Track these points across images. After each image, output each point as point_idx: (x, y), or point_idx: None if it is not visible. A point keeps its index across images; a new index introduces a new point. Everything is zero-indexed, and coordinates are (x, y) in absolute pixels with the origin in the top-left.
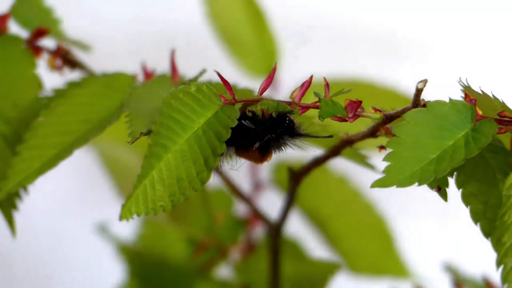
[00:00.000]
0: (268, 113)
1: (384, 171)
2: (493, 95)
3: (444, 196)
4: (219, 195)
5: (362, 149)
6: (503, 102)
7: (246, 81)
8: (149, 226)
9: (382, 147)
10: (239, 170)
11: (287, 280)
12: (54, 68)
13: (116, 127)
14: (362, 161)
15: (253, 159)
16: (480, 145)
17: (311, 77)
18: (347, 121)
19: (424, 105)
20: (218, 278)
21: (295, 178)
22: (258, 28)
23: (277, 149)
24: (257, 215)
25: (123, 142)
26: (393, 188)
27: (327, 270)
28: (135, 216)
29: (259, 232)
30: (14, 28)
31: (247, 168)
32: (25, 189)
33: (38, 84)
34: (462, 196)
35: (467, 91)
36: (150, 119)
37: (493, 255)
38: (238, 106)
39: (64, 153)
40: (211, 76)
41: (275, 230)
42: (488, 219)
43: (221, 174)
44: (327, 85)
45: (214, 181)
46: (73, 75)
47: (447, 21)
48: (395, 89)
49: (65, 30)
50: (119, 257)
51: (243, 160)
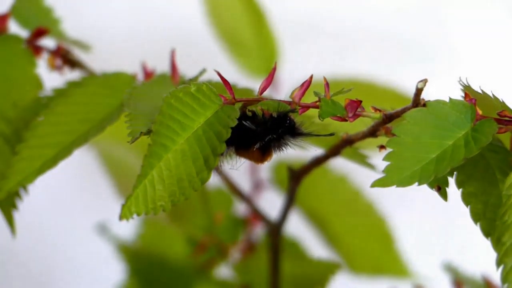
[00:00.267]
0: (269, 113)
1: (384, 171)
2: (493, 95)
3: (444, 196)
4: (219, 195)
5: (362, 149)
6: (503, 102)
7: (246, 81)
8: (149, 226)
9: (382, 147)
10: (239, 170)
11: (287, 280)
12: (54, 68)
13: (116, 127)
14: (362, 161)
15: (253, 159)
16: (480, 145)
17: (311, 77)
18: (347, 120)
19: (424, 105)
20: (218, 278)
21: (295, 178)
22: (258, 28)
23: (278, 149)
24: (257, 215)
25: (123, 142)
26: (393, 187)
27: (327, 270)
28: (135, 216)
29: (259, 232)
30: (14, 28)
31: (247, 168)
32: (25, 188)
33: (38, 84)
34: (462, 196)
35: (467, 90)
36: (150, 118)
37: (493, 255)
38: (238, 105)
39: (64, 152)
40: (211, 76)
41: (275, 230)
42: (488, 219)
43: (221, 174)
44: (327, 84)
45: (214, 181)
46: (73, 75)
47: (447, 21)
48: (395, 89)
49: (65, 30)
50: (119, 257)
51: (243, 160)
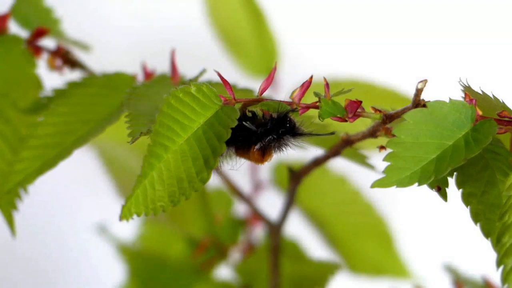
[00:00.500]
0: (269, 113)
1: (384, 171)
2: (493, 95)
3: (444, 196)
4: (219, 195)
5: (362, 149)
6: (503, 102)
7: (246, 81)
8: (149, 226)
9: (382, 147)
10: (239, 170)
11: (287, 280)
12: (54, 68)
13: (116, 127)
14: (362, 161)
15: (253, 159)
16: (480, 145)
17: (311, 77)
18: (347, 121)
19: (424, 105)
20: (218, 278)
21: (295, 178)
22: (258, 28)
23: (278, 149)
24: (257, 215)
25: (123, 142)
26: (393, 188)
27: (327, 270)
28: (135, 216)
29: (259, 232)
30: (14, 28)
31: (247, 168)
32: (25, 189)
33: (38, 84)
34: (462, 196)
35: (467, 91)
36: (150, 119)
37: (493, 255)
38: (238, 106)
39: (64, 153)
40: (211, 76)
41: (275, 230)
42: (488, 220)
43: (221, 174)
44: (327, 85)
45: (214, 181)
46: (73, 75)
47: (447, 20)
48: (395, 89)
49: (65, 30)
50: (119, 257)
51: (243, 160)
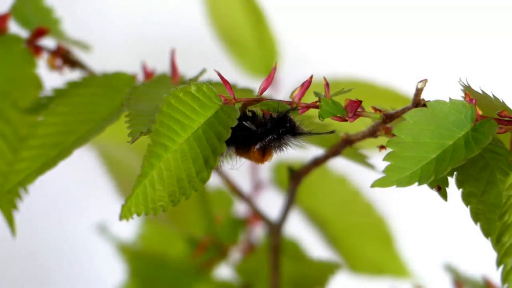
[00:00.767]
0: (269, 113)
1: (384, 171)
2: (493, 95)
3: (444, 196)
4: (219, 195)
5: (362, 149)
6: (503, 102)
7: (246, 81)
8: (149, 226)
9: (382, 147)
10: (239, 170)
11: (287, 280)
12: (54, 68)
13: (116, 127)
14: (362, 161)
15: (253, 159)
16: (480, 145)
17: (311, 77)
18: (347, 121)
19: (424, 105)
20: (218, 278)
21: (295, 178)
22: (258, 28)
23: (278, 149)
24: (257, 215)
25: (123, 142)
26: (393, 188)
27: (327, 270)
28: (135, 216)
29: (259, 232)
30: (14, 28)
31: (247, 168)
32: (25, 189)
33: (38, 84)
34: (462, 196)
35: (467, 91)
36: (150, 119)
37: (493, 255)
38: (238, 105)
39: (64, 153)
40: (211, 76)
41: (275, 230)
42: (488, 219)
43: (221, 174)
44: (327, 85)
45: (214, 181)
46: (73, 75)
47: (447, 20)
48: (395, 89)
49: (65, 30)
50: (119, 257)
51: (243, 160)
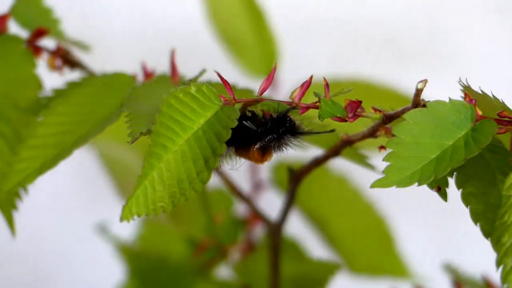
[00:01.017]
0: (269, 113)
1: (384, 171)
2: (493, 95)
3: (444, 196)
4: (219, 195)
5: (362, 149)
6: (503, 102)
7: (246, 81)
8: (149, 226)
9: (382, 147)
10: (239, 170)
11: (287, 280)
12: (54, 68)
13: (116, 127)
14: (362, 161)
15: (253, 159)
16: (480, 145)
17: (311, 77)
18: (347, 121)
19: (424, 105)
20: (218, 278)
21: (295, 178)
22: (258, 28)
23: (278, 149)
24: (257, 215)
25: (123, 142)
26: (393, 188)
27: (327, 270)
28: (135, 216)
29: (259, 232)
30: (14, 28)
31: (247, 168)
32: (25, 189)
33: (38, 84)
34: (462, 196)
35: (467, 91)
36: (150, 119)
37: (493, 255)
38: (238, 106)
39: (64, 153)
40: (211, 76)
41: (275, 230)
42: (488, 219)
43: (221, 174)
44: (327, 85)
45: (214, 181)
46: (73, 75)
47: (447, 20)
48: (395, 89)
49: (65, 30)
50: (119, 257)
51: (243, 160)
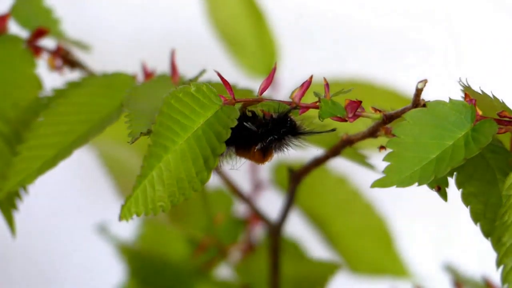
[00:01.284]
0: (269, 113)
1: (384, 171)
2: (493, 95)
3: (444, 196)
4: (219, 195)
5: (362, 149)
6: (503, 102)
7: (246, 81)
8: (149, 226)
9: (382, 147)
10: (239, 170)
11: (287, 280)
12: (54, 68)
13: (116, 127)
14: (362, 161)
15: (254, 159)
16: (480, 145)
17: (311, 77)
18: (347, 121)
19: (424, 105)
20: (218, 278)
21: (295, 178)
22: (258, 28)
23: (278, 149)
24: (257, 215)
25: (123, 142)
26: (393, 188)
27: (327, 270)
28: (135, 216)
29: (259, 232)
30: (14, 28)
31: (247, 168)
32: (25, 189)
33: (38, 84)
34: (462, 196)
35: (467, 91)
36: (150, 119)
37: (493, 255)
38: (238, 106)
39: (64, 153)
40: (211, 76)
41: (275, 230)
42: (488, 219)
43: (221, 174)
44: (327, 85)
45: (214, 181)
46: (73, 75)
47: (448, 20)
48: (395, 89)
49: (65, 30)
50: (119, 257)
51: (243, 160)
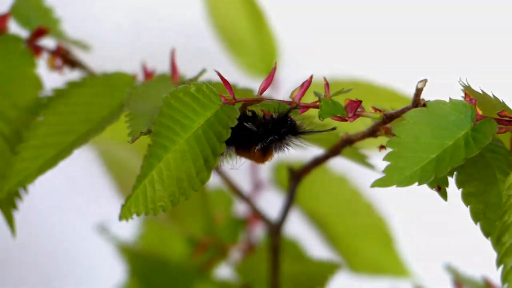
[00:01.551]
0: (269, 113)
1: (384, 171)
2: (493, 95)
3: (444, 195)
4: (219, 195)
5: (362, 149)
6: (503, 102)
7: (246, 81)
8: (149, 226)
9: (382, 147)
10: (239, 170)
11: (287, 280)
12: (54, 68)
13: (116, 127)
14: (362, 160)
15: (254, 159)
16: (480, 145)
17: (311, 77)
18: (347, 120)
19: (424, 105)
20: (218, 278)
21: (295, 178)
22: (258, 28)
23: (279, 149)
24: (257, 215)
25: (123, 142)
26: (393, 188)
27: (327, 270)
28: (135, 216)
29: (259, 232)
30: (14, 28)
31: (247, 168)
32: (25, 188)
33: (38, 84)
34: (462, 196)
35: (467, 91)
36: (150, 119)
37: (493, 255)
38: (238, 105)
39: (64, 152)
40: (211, 76)
41: (275, 230)
42: (488, 219)
43: (221, 174)
44: (327, 85)
45: (214, 181)
46: (73, 75)
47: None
48: (395, 89)
49: (65, 30)
50: (119, 257)
51: (243, 159)
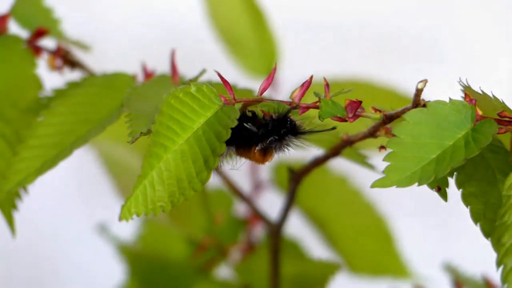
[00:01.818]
0: (269, 114)
1: (384, 171)
2: (493, 95)
3: (444, 196)
4: (219, 195)
5: (362, 149)
6: (503, 102)
7: (246, 81)
8: (149, 226)
9: (382, 147)
10: (239, 170)
11: (287, 280)
12: (54, 68)
13: (116, 127)
14: (362, 161)
15: (254, 159)
16: (480, 145)
17: (311, 77)
18: (347, 121)
19: (424, 105)
20: (218, 278)
21: (295, 178)
22: (258, 28)
23: (279, 150)
24: (257, 215)
25: (123, 142)
26: (393, 188)
27: (327, 270)
28: (135, 216)
29: (259, 232)
30: (14, 28)
31: (247, 168)
32: (25, 189)
33: (38, 84)
34: (462, 196)
35: (467, 91)
36: (150, 119)
37: (493, 255)
38: (238, 106)
39: (64, 153)
40: (211, 76)
41: (275, 230)
42: (488, 219)
43: (221, 174)
44: (327, 85)
45: (214, 181)
46: (73, 75)
47: (449, 20)
48: (395, 89)
49: (65, 30)
50: (119, 257)
51: (243, 160)
